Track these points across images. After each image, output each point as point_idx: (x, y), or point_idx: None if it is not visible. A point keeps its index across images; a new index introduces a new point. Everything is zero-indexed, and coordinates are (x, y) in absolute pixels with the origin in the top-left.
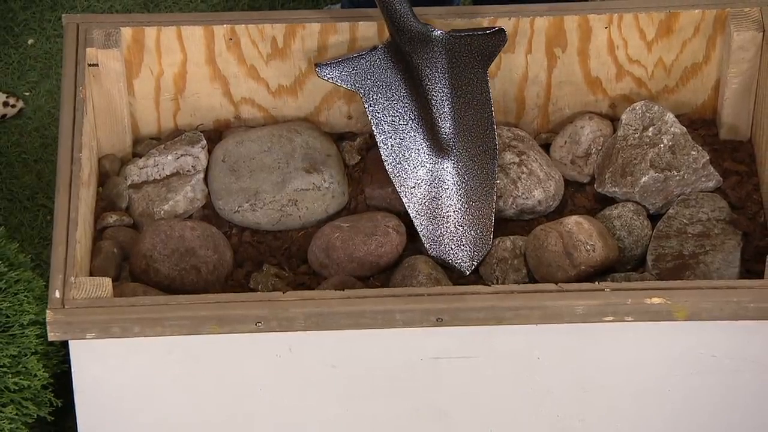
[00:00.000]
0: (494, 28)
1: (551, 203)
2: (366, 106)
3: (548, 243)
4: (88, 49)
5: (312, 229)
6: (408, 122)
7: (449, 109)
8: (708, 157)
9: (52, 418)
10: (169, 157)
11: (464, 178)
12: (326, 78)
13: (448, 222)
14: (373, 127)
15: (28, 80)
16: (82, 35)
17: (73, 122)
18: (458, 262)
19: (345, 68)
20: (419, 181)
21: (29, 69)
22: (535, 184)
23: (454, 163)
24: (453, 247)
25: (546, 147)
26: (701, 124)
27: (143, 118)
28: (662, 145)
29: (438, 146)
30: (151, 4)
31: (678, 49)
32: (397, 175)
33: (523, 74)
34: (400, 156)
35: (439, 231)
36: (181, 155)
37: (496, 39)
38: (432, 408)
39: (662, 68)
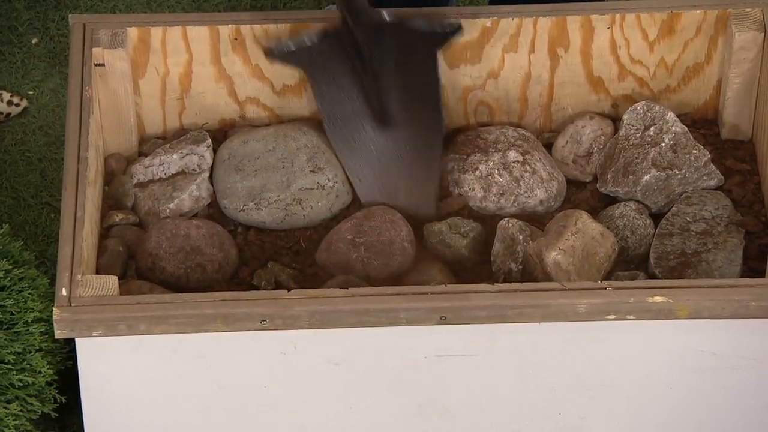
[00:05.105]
0: (452, 26)
1: (553, 203)
2: (313, 88)
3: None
4: (94, 49)
5: (317, 229)
6: (354, 103)
7: (394, 88)
8: (709, 156)
9: (57, 415)
10: (175, 156)
11: (409, 151)
12: (278, 61)
13: (396, 191)
14: (321, 111)
15: (31, 79)
16: (89, 35)
17: (79, 122)
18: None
19: (297, 54)
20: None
21: (33, 68)
22: (537, 184)
23: (397, 136)
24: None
25: (548, 147)
26: (703, 124)
27: (149, 118)
28: (663, 144)
29: (382, 120)
30: (154, 3)
31: (680, 49)
32: (344, 151)
33: (525, 74)
34: (346, 132)
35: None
36: (187, 154)
37: (451, 32)
38: (435, 405)
39: (664, 68)
